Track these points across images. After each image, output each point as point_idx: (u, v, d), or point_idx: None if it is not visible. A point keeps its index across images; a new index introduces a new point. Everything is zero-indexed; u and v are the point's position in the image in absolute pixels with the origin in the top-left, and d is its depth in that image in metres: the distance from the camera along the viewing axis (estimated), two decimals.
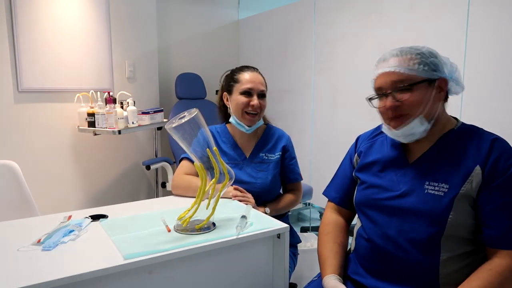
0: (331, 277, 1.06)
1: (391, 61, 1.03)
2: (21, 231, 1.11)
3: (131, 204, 1.40)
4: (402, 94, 1.01)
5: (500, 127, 1.26)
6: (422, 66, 1.01)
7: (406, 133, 1.04)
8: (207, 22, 3.47)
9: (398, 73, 1.01)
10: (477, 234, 0.99)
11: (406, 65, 1.01)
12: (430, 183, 1.01)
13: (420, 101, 1.01)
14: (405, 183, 1.05)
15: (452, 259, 0.98)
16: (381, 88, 1.05)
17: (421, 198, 1.01)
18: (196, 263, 1.04)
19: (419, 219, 1.00)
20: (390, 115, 1.04)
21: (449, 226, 0.96)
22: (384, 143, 1.17)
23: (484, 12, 1.78)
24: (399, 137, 1.07)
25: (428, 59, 1.02)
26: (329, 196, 1.29)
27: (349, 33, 2.48)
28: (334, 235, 1.19)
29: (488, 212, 0.96)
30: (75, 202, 2.68)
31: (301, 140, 2.90)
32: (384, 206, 1.07)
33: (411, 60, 1.01)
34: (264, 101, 1.55)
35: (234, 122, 1.56)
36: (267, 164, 1.56)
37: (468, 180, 0.97)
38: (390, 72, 1.02)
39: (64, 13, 2.49)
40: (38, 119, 2.47)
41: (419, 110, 1.01)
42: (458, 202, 0.96)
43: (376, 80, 1.06)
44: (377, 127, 1.24)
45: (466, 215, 0.97)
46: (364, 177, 1.16)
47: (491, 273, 0.93)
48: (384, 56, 1.07)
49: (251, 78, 1.53)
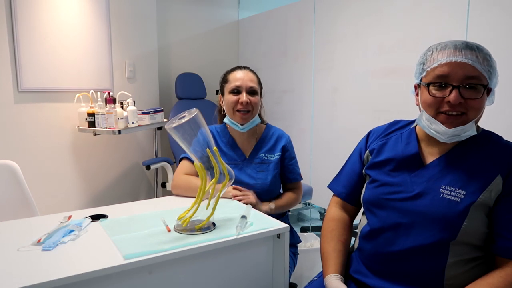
0: (334, 277, 1.05)
1: (468, 53, 0.94)
2: (21, 231, 1.11)
3: (131, 204, 1.40)
4: (471, 92, 0.94)
5: (500, 127, 1.26)
6: (491, 70, 0.95)
7: (456, 134, 0.97)
8: (207, 22, 3.47)
9: (474, 68, 0.93)
10: (488, 242, 0.96)
11: (481, 63, 0.94)
12: (446, 187, 0.97)
13: (482, 105, 0.96)
14: (419, 185, 1.02)
15: (459, 263, 0.96)
16: (447, 77, 0.95)
17: (436, 201, 0.97)
18: (196, 263, 1.04)
19: (431, 223, 0.96)
20: (447, 109, 0.96)
21: (461, 233, 0.93)
22: (399, 141, 1.12)
23: (484, 12, 1.78)
24: (447, 135, 0.98)
25: (494, 64, 0.97)
26: (335, 191, 1.25)
27: (349, 33, 2.48)
28: (338, 232, 1.17)
29: (504, 223, 0.93)
30: (75, 202, 2.68)
31: (301, 140, 2.90)
32: (395, 206, 1.03)
33: (485, 60, 0.95)
34: (255, 98, 1.53)
35: (228, 122, 1.56)
36: (267, 165, 1.56)
37: (488, 189, 0.94)
38: (465, 63, 0.93)
39: (64, 13, 2.49)
40: (38, 119, 2.47)
41: (478, 114, 0.96)
42: (474, 210, 0.94)
43: (441, 67, 0.96)
44: (392, 123, 1.19)
45: (480, 223, 0.94)
46: (375, 175, 1.11)
47: (502, 281, 0.91)
48: (455, 43, 0.97)
49: (240, 76, 1.53)
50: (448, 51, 0.97)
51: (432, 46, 1.02)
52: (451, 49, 0.97)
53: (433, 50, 1.01)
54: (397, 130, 1.15)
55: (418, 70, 1.05)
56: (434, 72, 0.98)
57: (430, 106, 1.00)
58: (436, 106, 0.98)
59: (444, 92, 0.97)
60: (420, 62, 1.04)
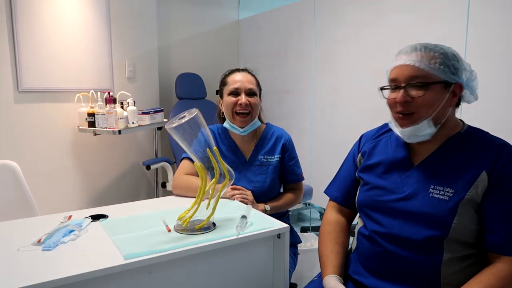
0: (332, 278, 1.06)
1: (413, 55, 1.00)
2: (21, 231, 1.11)
3: (131, 204, 1.40)
4: (416, 91, 0.99)
5: (500, 127, 1.26)
6: (442, 67, 0.98)
7: (411, 133, 1.02)
8: (207, 22, 3.47)
9: (417, 68, 0.99)
10: (480, 239, 0.98)
11: (427, 62, 0.98)
12: (435, 187, 1.00)
13: (432, 102, 0.99)
14: (410, 186, 1.04)
15: (454, 260, 0.97)
16: (395, 80, 1.03)
17: (426, 201, 1.00)
18: (196, 263, 1.04)
19: (423, 223, 0.99)
20: (399, 110, 1.02)
21: (452, 230, 0.95)
22: (389, 143, 1.15)
23: (484, 13, 1.78)
24: (404, 135, 1.04)
25: (450, 61, 0.99)
26: (330, 195, 1.28)
27: (349, 33, 2.48)
28: (336, 235, 1.19)
29: (492, 218, 0.95)
30: (75, 202, 2.68)
31: (301, 140, 2.90)
32: (388, 208, 1.06)
33: (433, 59, 0.99)
34: (255, 99, 1.52)
35: (228, 126, 1.55)
36: (266, 167, 1.55)
37: (474, 185, 0.96)
38: (409, 65, 1.00)
39: (64, 13, 2.49)
40: (38, 119, 2.47)
41: (429, 111, 0.99)
42: (463, 207, 0.96)
43: (392, 71, 1.04)
44: (382, 126, 1.22)
45: (470, 220, 0.96)
46: (367, 178, 1.14)
47: (494, 278, 0.92)
48: (406, 48, 1.04)
49: (238, 78, 1.52)
50: (399, 56, 1.04)
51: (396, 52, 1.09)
52: (401, 54, 1.04)
53: (394, 57, 1.07)
54: (386, 132, 1.18)
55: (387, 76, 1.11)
56: (389, 77, 1.06)
57: (390, 109, 1.07)
58: (393, 108, 1.05)
59: (396, 94, 1.03)
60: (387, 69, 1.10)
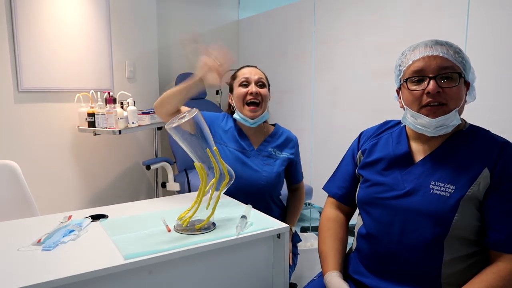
0: (333, 274, 1.05)
1: (437, 47, 1.00)
2: (21, 231, 1.11)
3: (131, 204, 1.40)
4: (446, 82, 0.99)
5: (500, 127, 1.26)
6: (464, 63, 1.00)
7: (441, 123, 0.99)
8: (207, 22, 3.47)
9: (446, 59, 0.98)
10: (481, 236, 0.97)
11: (452, 55, 0.99)
12: (436, 183, 1.00)
13: (461, 95, 1.00)
14: (410, 182, 1.04)
15: (455, 260, 0.97)
16: (422, 71, 1.00)
17: (426, 197, 0.99)
18: (196, 263, 1.04)
19: (423, 219, 0.98)
20: (428, 101, 0.99)
21: (453, 227, 0.95)
22: (390, 140, 1.15)
23: (484, 13, 1.78)
24: (431, 126, 1.00)
25: (464, 58, 1.01)
26: (329, 192, 1.28)
27: (349, 33, 2.48)
28: (335, 231, 1.18)
29: (494, 216, 0.95)
30: (75, 202, 2.68)
31: (301, 140, 2.87)
32: (388, 205, 1.05)
33: (456, 53, 1.00)
34: (264, 90, 1.55)
35: (238, 118, 1.57)
36: (274, 160, 1.57)
37: (476, 182, 0.96)
38: (438, 55, 0.99)
39: (64, 13, 2.48)
40: (38, 119, 2.47)
41: (457, 103, 0.99)
42: (464, 204, 0.95)
43: (415, 63, 1.02)
44: (383, 123, 1.21)
45: (472, 217, 0.96)
46: (367, 175, 1.14)
47: (495, 277, 0.92)
48: (422, 43, 1.03)
49: (248, 71, 1.57)
50: (419, 49, 1.03)
51: (405, 49, 1.08)
52: (422, 47, 1.03)
53: (406, 52, 1.07)
54: (388, 129, 1.18)
55: (396, 73, 1.10)
56: (410, 69, 1.03)
57: (413, 102, 1.03)
58: (418, 101, 1.02)
59: (422, 85, 1.01)
60: (397, 65, 1.09)
